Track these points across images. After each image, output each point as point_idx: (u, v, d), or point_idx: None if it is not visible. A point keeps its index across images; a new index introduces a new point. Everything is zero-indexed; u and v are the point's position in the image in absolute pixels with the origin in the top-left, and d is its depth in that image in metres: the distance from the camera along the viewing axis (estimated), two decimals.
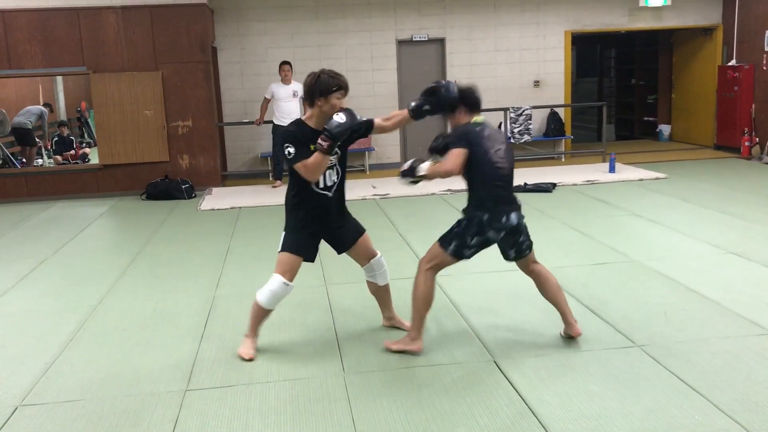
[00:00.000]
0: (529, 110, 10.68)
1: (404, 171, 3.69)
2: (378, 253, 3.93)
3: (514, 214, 3.57)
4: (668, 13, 11.15)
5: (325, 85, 3.53)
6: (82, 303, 4.91)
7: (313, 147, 3.49)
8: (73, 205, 9.06)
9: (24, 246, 6.82)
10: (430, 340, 3.92)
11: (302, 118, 3.69)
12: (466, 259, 3.63)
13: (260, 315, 3.82)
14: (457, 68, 10.91)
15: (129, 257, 6.14)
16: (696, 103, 11.86)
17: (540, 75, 11.13)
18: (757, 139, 10.49)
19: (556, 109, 11.15)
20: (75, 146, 11.70)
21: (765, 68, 10.33)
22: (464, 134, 3.55)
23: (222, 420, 3.14)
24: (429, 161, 3.65)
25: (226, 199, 8.83)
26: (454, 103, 3.60)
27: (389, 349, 3.77)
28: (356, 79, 10.37)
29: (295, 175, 3.63)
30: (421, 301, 3.64)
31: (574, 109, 12.13)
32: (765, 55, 10.31)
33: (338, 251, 3.92)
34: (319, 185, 3.64)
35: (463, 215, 3.61)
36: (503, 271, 4.76)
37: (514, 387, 3.32)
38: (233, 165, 10.68)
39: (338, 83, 3.55)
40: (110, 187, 9.53)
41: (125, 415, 3.22)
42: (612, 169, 9.37)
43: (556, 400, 3.16)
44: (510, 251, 3.69)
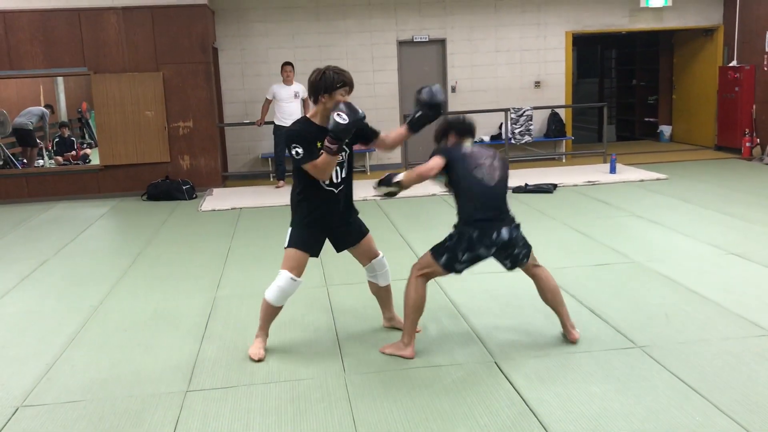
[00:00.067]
0: (529, 111, 10.68)
1: (380, 180, 3.68)
2: (380, 253, 3.93)
3: (504, 229, 3.51)
4: (669, 13, 11.15)
5: (329, 81, 3.52)
6: (83, 304, 4.91)
7: (320, 145, 3.49)
8: (74, 205, 9.07)
9: (25, 247, 6.83)
10: (430, 341, 3.93)
11: (307, 116, 3.68)
12: (457, 273, 3.63)
13: (270, 313, 3.82)
14: (458, 69, 10.92)
15: (130, 258, 6.15)
16: (697, 103, 11.85)
17: (541, 76, 11.13)
18: (758, 139, 10.49)
19: (557, 110, 11.15)
20: (76, 147, 11.71)
21: (766, 69, 10.33)
22: (445, 148, 3.66)
23: (223, 421, 3.14)
24: (402, 172, 3.66)
25: (227, 199, 8.84)
26: (442, 106, 3.67)
27: (382, 352, 3.77)
28: (357, 80, 10.17)
29: (300, 172, 3.63)
30: (413, 308, 3.64)
31: (574, 110, 12.13)
32: (766, 56, 10.31)
33: (338, 249, 3.91)
34: (326, 182, 3.64)
35: (453, 230, 3.59)
36: (504, 272, 4.70)
37: (514, 388, 3.32)
38: (234, 166, 10.68)
39: (343, 80, 3.55)
40: (111, 188, 9.54)
41: (126, 416, 3.23)
42: (613, 170, 9.36)
43: (557, 401, 3.16)
44: (505, 262, 3.67)
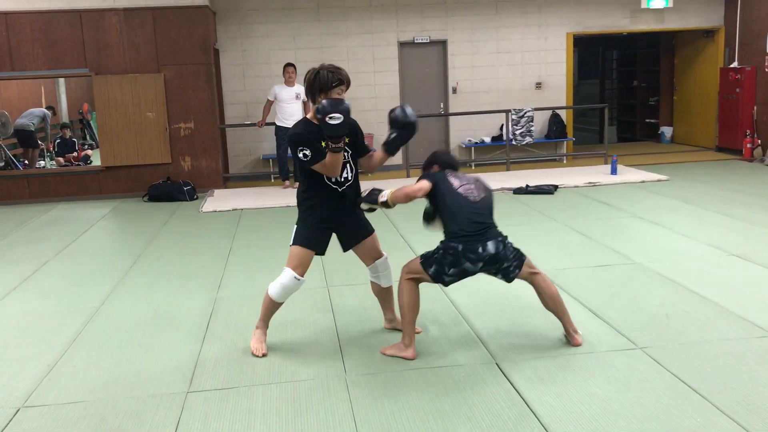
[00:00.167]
0: (530, 112, 10.68)
1: (364, 197, 3.68)
2: (384, 254, 3.93)
3: (490, 243, 3.48)
4: (670, 15, 11.15)
5: (324, 81, 3.51)
6: (84, 304, 4.92)
7: (324, 144, 3.50)
8: (75, 206, 9.08)
9: (26, 248, 6.84)
10: (431, 342, 3.93)
11: (307, 117, 3.68)
12: (444, 285, 3.64)
13: (271, 307, 3.84)
14: (459, 70, 10.92)
15: (131, 259, 6.15)
16: (698, 105, 11.86)
17: (542, 77, 11.14)
18: (759, 141, 10.48)
19: (558, 111, 11.15)
20: (77, 148, 11.71)
21: (767, 70, 10.33)
22: (430, 173, 3.71)
23: (224, 422, 3.15)
24: (387, 189, 3.66)
25: (228, 200, 8.84)
26: (415, 125, 3.67)
27: (383, 354, 3.78)
28: (358, 81, 10.38)
29: (305, 171, 3.64)
30: (408, 310, 3.66)
31: (575, 111, 12.13)
32: (767, 57, 10.31)
33: (345, 248, 3.92)
34: (332, 180, 3.64)
35: (440, 244, 3.58)
36: None
37: (515, 389, 3.32)
38: (235, 167, 10.69)
39: (338, 78, 3.53)
40: (112, 189, 9.55)
41: (127, 417, 3.23)
42: (614, 171, 9.36)
43: (558, 402, 3.17)
44: (496, 276, 3.66)
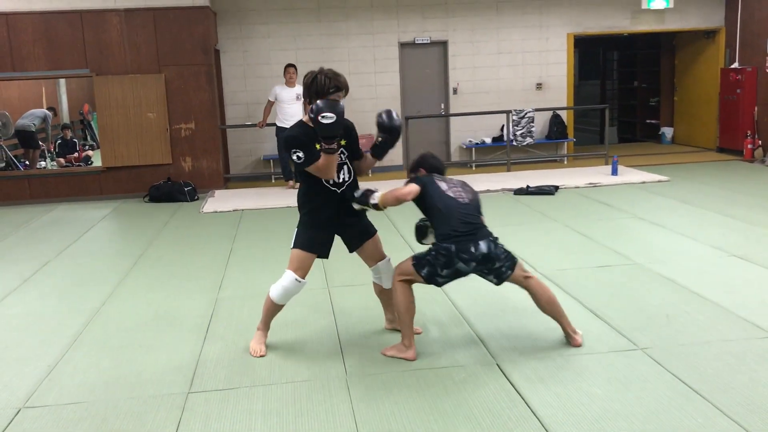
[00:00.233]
0: (531, 113, 10.68)
1: (357, 197, 3.68)
2: (387, 256, 3.93)
3: (482, 242, 3.49)
4: (671, 15, 11.15)
5: (321, 86, 3.49)
6: (85, 305, 4.92)
7: (319, 146, 3.50)
8: (76, 207, 9.08)
9: (27, 248, 6.84)
10: (431, 343, 3.93)
11: (303, 120, 3.68)
12: (437, 286, 3.65)
13: (272, 310, 3.85)
14: (460, 71, 10.92)
15: (132, 259, 6.16)
16: (698, 105, 11.85)
17: (542, 77, 11.14)
18: (760, 141, 10.48)
19: (559, 112, 11.15)
20: (78, 149, 11.72)
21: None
22: (418, 177, 3.72)
23: (224, 422, 3.15)
24: (379, 192, 3.66)
25: (229, 201, 8.85)
26: (400, 129, 3.67)
27: (383, 355, 3.78)
28: (359, 82, 10.39)
29: (304, 174, 3.64)
30: (404, 311, 3.66)
31: (576, 112, 12.12)
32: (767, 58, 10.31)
33: (350, 249, 3.92)
34: (330, 182, 3.65)
35: (432, 246, 3.59)
36: None
37: (516, 389, 3.32)
38: (236, 167, 10.69)
39: (336, 84, 3.51)
40: (113, 190, 9.55)
41: (128, 418, 3.23)
42: (614, 172, 9.36)
43: (559, 403, 3.16)
44: (490, 278, 3.65)
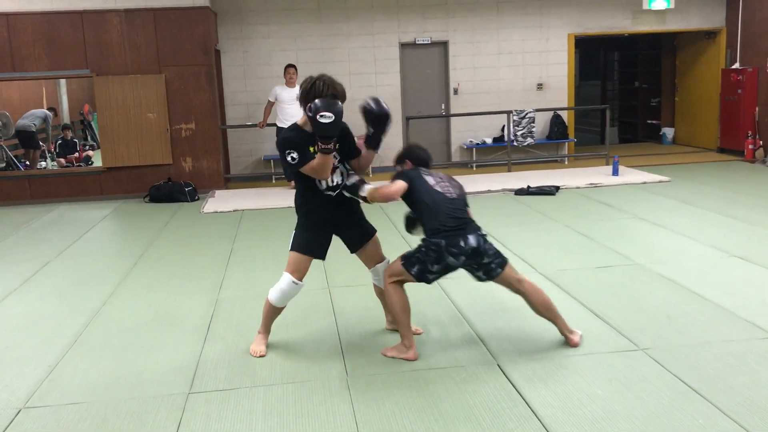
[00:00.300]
0: (532, 113, 10.68)
1: (349, 186, 3.67)
2: (386, 257, 3.92)
3: (471, 236, 3.50)
4: (671, 16, 11.14)
5: (318, 92, 3.48)
6: (85, 305, 4.92)
7: (313, 149, 3.50)
8: (77, 207, 9.08)
9: (27, 248, 6.84)
10: (432, 343, 3.93)
11: (298, 123, 3.67)
12: (428, 283, 3.65)
13: (272, 313, 3.86)
14: (460, 71, 10.92)
15: (132, 260, 6.15)
16: (699, 106, 11.85)
17: (543, 78, 11.13)
18: (761, 142, 10.47)
19: (560, 112, 11.14)
20: (78, 149, 11.72)
21: None
22: (405, 172, 3.72)
23: (225, 422, 3.15)
24: (370, 185, 3.66)
25: (229, 201, 8.84)
26: (389, 116, 3.60)
27: (384, 355, 3.78)
28: (359, 82, 10.39)
29: (301, 176, 3.64)
30: (400, 312, 3.67)
31: (577, 112, 12.12)
32: None
33: (351, 250, 3.92)
34: (323, 186, 3.65)
35: (422, 242, 3.59)
36: None
37: (517, 390, 3.32)
38: (236, 168, 10.69)
39: (333, 93, 3.49)
40: (113, 190, 9.55)
41: (128, 418, 3.23)
42: (615, 172, 9.35)
43: (559, 403, 3.16)
44: (478, 274, 3.64)
